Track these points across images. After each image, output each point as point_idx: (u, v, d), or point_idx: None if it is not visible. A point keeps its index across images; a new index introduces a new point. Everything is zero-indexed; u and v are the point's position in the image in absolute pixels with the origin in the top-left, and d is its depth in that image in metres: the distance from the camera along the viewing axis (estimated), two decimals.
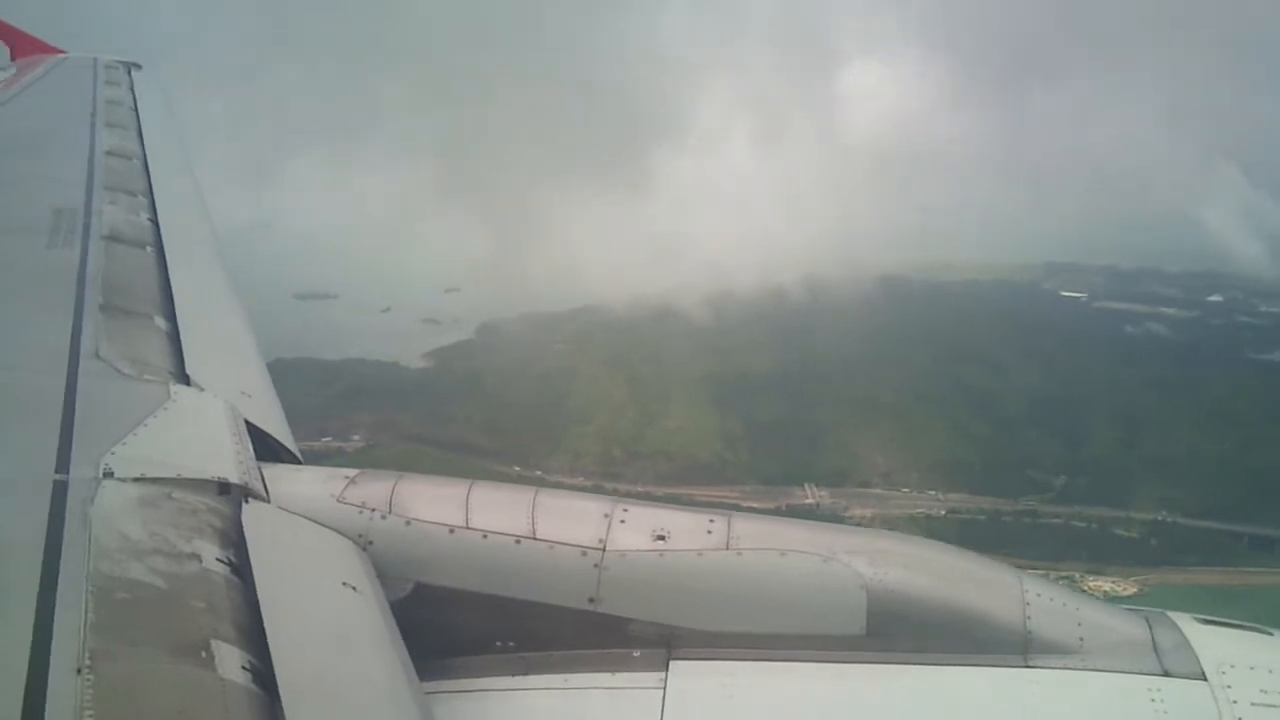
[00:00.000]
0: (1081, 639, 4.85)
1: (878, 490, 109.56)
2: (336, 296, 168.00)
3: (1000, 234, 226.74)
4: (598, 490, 77.80)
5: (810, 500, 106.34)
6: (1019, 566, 5.47)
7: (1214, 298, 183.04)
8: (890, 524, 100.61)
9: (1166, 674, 4.73)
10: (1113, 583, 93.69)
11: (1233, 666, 4.71)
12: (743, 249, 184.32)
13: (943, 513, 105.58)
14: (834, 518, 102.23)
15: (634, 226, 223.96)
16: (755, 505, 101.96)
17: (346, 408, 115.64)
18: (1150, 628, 4.96)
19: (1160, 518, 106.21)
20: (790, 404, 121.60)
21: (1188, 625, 4.98)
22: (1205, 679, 4.67)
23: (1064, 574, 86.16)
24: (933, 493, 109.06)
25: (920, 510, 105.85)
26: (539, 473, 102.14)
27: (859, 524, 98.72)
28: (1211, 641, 4.88)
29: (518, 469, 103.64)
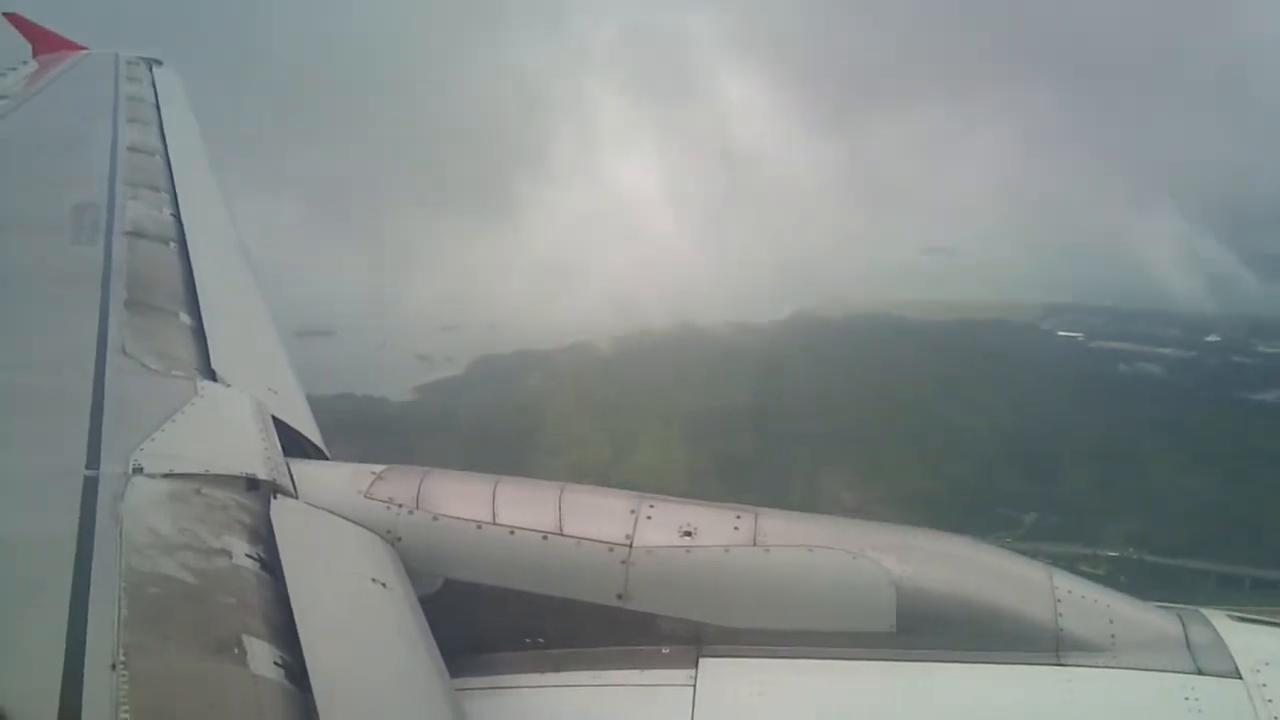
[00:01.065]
0: (1114, 636, 4.80)
1: None
2: (333, 333, 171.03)
3: (1001, 273, 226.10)
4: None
5: None
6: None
7: (1212, 338, 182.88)
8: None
9: (1200, 672, 4.66)
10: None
11: (1268, 664, 4.64)
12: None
13: None
14: None
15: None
16: None
17: (330, 441, 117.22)
18: (1184, 625, 4.90)
19: (1128, 554, 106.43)
20: (760, 439, 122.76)
21: (1222, 622, 4.94)
22: (1240, 677, 4.60)
23: None
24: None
25: None
26: None
27: None
28: (1246, 639, 4.81)
29: None
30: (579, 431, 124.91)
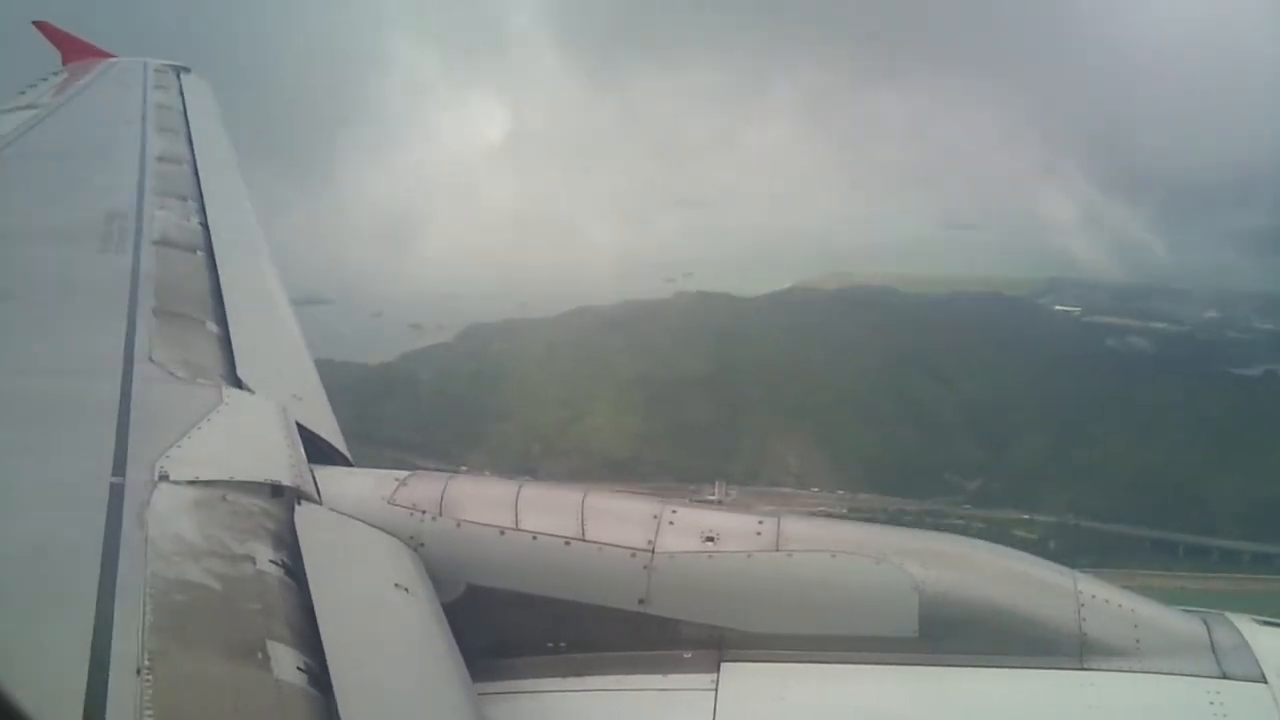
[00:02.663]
0: (1137, 641, 4.74)
1: (786, 489, 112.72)
2: (331, 302, 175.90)
3: (1015, 249, 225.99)
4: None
5: (714, 497, 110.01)
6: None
7: (1210, 314, 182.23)
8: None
9: (1225, 676, 4.59)
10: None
11: None
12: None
13: (844, 511, 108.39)
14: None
15: None
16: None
17: None
18: (1208, 629, 4.83)
19: (1065, 520, 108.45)
20: (716, 407, 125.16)
21: (1246, 626, 4.86)
22: (1265, 681, 4.55)
23: None
24: (841, 492, 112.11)
25: (822, 508, 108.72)
26: (452, 466, 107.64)
27: None
28: (1271, 643, 4.75)
29: (432, 464, 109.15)
30: (541, 396, 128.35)
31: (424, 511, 5.25)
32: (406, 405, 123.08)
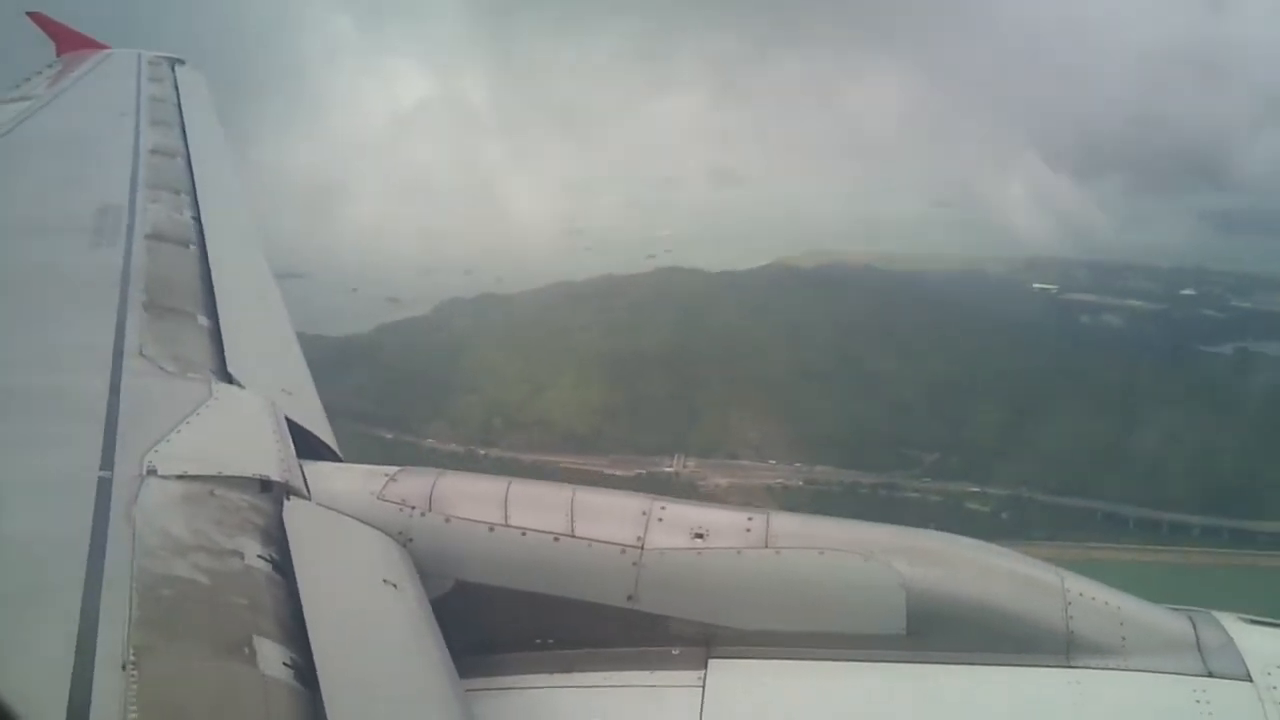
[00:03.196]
0: (1124, 639, 4.77)
1: (745, 462, 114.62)
2: (305, 275, 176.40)
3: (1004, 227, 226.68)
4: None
5: (671, 469, 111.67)
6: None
7: (1187, 291, 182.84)
8: (744, 493, 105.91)
9: (1211, 675, 4.63)
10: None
11: (1279, 667, 4.62)
12: None
13: (799, 483, 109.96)
14: (690, 485, 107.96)
15: None
16: (616, 473, 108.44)
17: None
18: (1194, 627, 4.86)
19: (1017, 493, 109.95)
20: (680, 381, 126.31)
21: (1232, 625, 4.89)
22: (1251, 680, 4.57)
23: None
24: (798, 465, 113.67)
25: (778, 481, 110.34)
26: (411, 437, 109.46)
27: (713, 492, 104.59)
28: (1257, 641, 4.78)
29: (390, 435, 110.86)
30: (506, 370, 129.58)
31: (413, 507, 5.23)
32: (371, 377, 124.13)
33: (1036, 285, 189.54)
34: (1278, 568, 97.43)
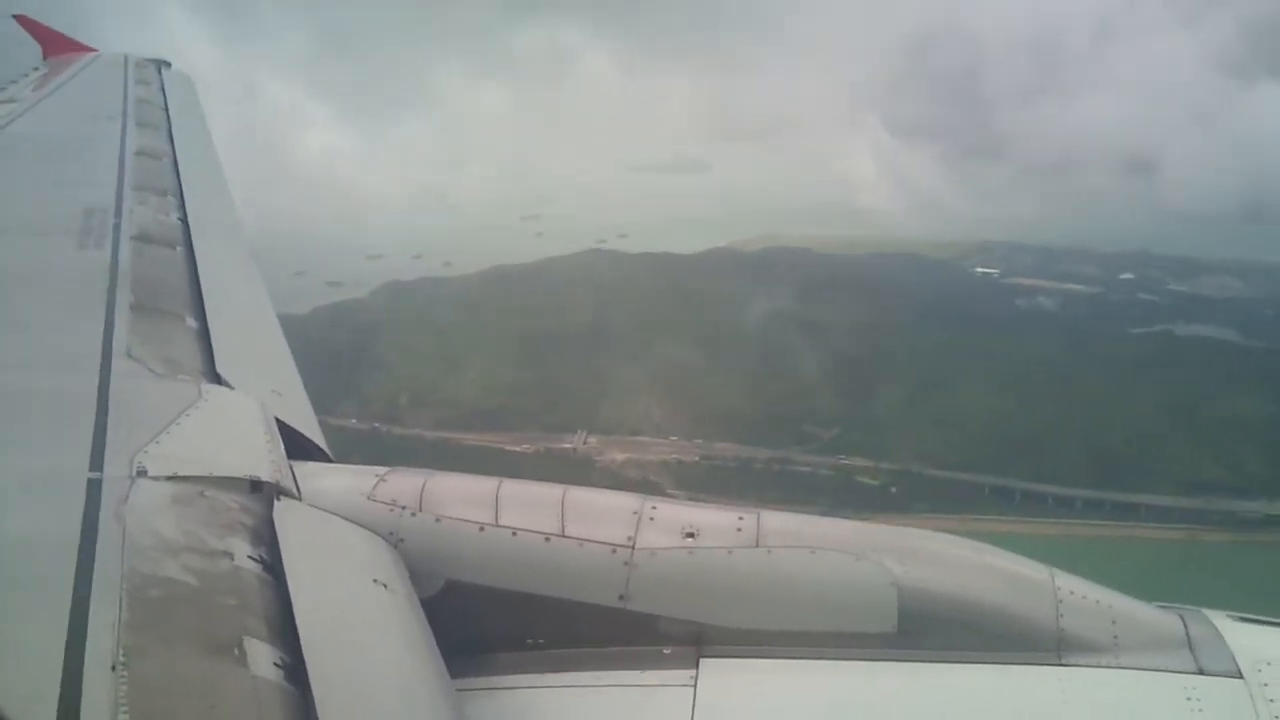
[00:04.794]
0: (1115, 637, 4.78)
1: (645, 438, 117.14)
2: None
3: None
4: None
5: (569, 445, 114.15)
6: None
7: (1126, 275, 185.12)
8: (640, 467, 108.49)
9: (1202, 672, 4.63)
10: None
11: (1269, 664, 4.63)
12: None
13: (696, 459, 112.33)
14: (586, 461, 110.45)
15: None
16: (517, 449, 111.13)
17: None
18: (1185, 625, 4.87)
19: (907, 468, 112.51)
20: (592, 361, 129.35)
21: (1223, 622, 4.91)
22: (1242, 677, 4.58)
23: None
24: (699, 441, 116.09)
25: (674, 456, 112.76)
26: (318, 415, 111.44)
27: (608, 467, 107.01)
28: (1248, 639, 4.79)
29: None
30: (422, 349, 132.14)
31: (403, 507, 5.21)
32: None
33: (979, 269, 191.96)
34: (1157, 539, 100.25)
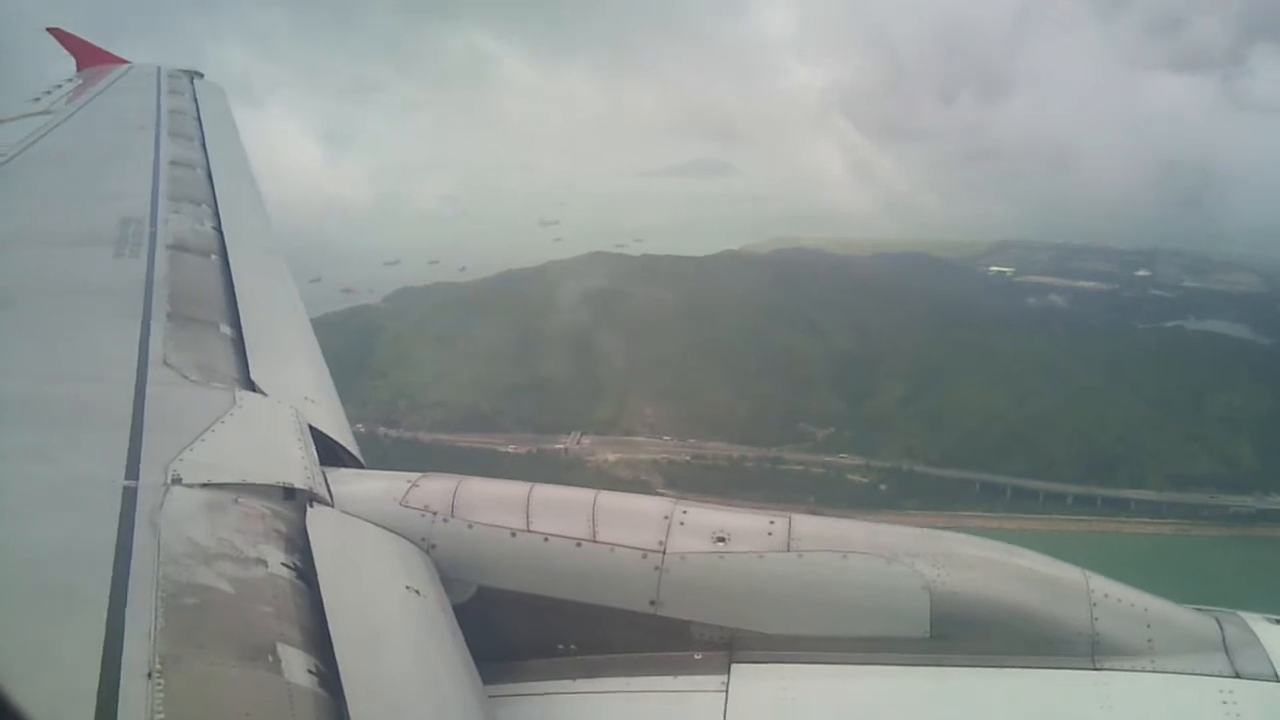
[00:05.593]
0: (1150, 640, 4.71)
1: (640, 438, 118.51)
2: None
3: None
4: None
5: (560, 446, 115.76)
6: (735, 504, 5.81)
7: (1142, 272, 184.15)
8: (631, 468, 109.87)
9: (1238, 675, 4.57)
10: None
11: None
12: None
13: (687, 458, 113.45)
14: (577, 461, 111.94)
15: None
16: (510, 450, 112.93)
17: None
18: (1221, 627, 4.80)
19: (898, 465, 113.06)
20: (591, 362, 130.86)
21: (1259, 625, 4.83)
22: (1278, 680, 4.54)
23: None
24: (692, 441, 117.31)
25: (664, 456, 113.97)
26: None
27: (600, 466, 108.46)
28: None
29: None
30: (423, 354, 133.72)
31: (435, 513, 5.24)
32: None
33: (994, 269, 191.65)
34: (1148, 534, 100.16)
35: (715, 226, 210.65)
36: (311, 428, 5.80)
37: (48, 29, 20.01)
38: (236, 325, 7.14)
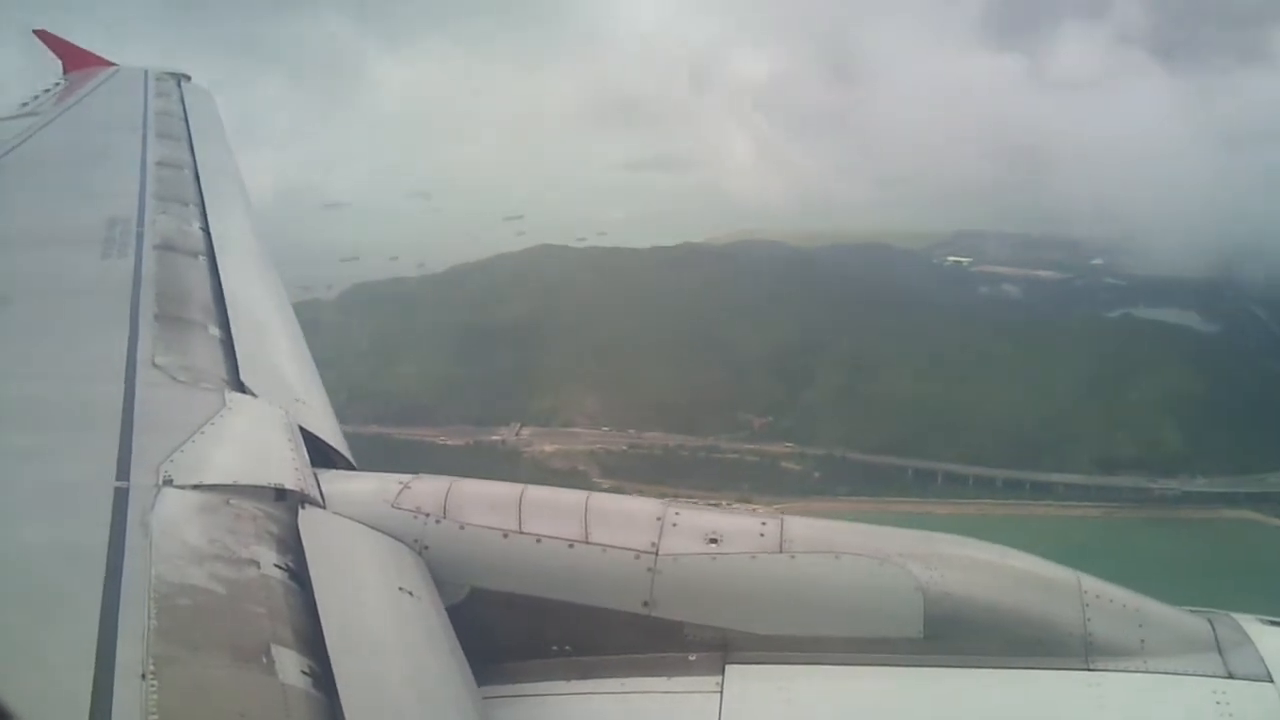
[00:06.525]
0: (1143, 640, 4.73)
1: (578, 429, 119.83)
2: None
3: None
4: None
5: (498, 438, 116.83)
6: (669, 494, 8.32)
7: (1096, 261, 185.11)
8: (567, 458, 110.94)
9: (1230, 676, 4.59)
10: (752, 508, 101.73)
11: None
12: None
13: (624, 448, 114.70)
14: (514, 452, 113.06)
15: None
16: (448, 442, 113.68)
17: None
18: (1213, 628, 4.83)
19: (832, 453, 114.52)
20: (532, 354, 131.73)
21: (1251, 626, 4.86)
22: (1271, 680, 4.55)
23: (712, 500, 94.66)
24: (632, 431, 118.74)
25: (600, 446, 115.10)
26: None
27: (536, 457, 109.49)
28: (1276, 642, 4.76)
29: None
30: (365, 348, 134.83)
31: (428, 514, 5.21)
32: None
33: (950, 259, 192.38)
34: (1075, 517, 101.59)
35: (685, 219, 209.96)
36: (302, 429, 5.82)
37: (34, 31, 19.97)
38: (225, 326, 7.13)
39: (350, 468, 6.25)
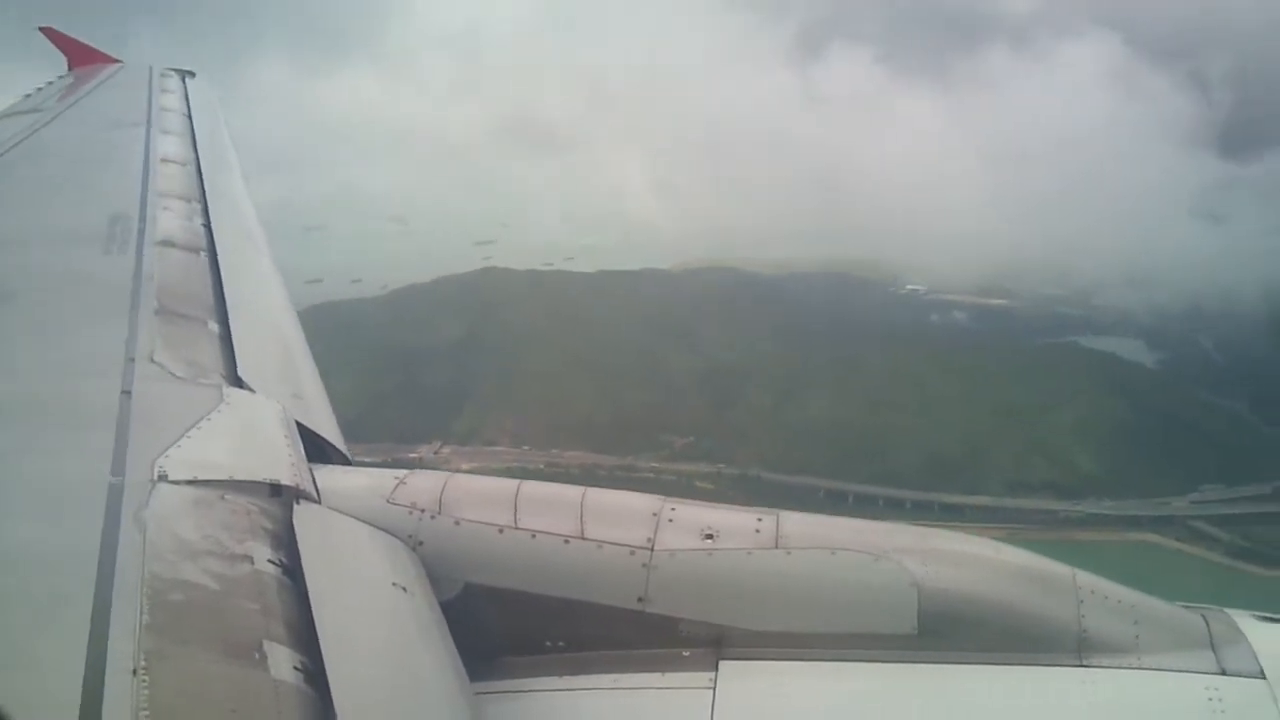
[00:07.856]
0: (1137, 637, 4.73)
1: (500, 448, 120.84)
2: None
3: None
4: None
5: (415, 455, 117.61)
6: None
7: (1050, 290, 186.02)
8: (487, 475, 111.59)
9: (1224, 673, 4.60)
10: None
11: None
12: None
13: (541, 465, 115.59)
14: (430, 469, 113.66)
15: None
16: (366, 458, 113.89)
17: None
18: (1207, 624, 4.83)
19: (746, 473, 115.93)
20: (457, 374, 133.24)
21: (1245, 622, 4.87)
22: (1264, 677, 4.55)
23: None
24: (553, 451, 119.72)
25: (517, 464, 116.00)
26: None
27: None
28: (1271, 639, 4.76)
29: None
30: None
31: (423, 510, 5.22)
32: None
33: (909, 287, 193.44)
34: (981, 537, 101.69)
35: (667, 245, 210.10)
36: (299, 424, 5.83)
37: (40, 28, 20.06)
38: (224, 322, 7.14)
39: (347, 463, 6.32)
